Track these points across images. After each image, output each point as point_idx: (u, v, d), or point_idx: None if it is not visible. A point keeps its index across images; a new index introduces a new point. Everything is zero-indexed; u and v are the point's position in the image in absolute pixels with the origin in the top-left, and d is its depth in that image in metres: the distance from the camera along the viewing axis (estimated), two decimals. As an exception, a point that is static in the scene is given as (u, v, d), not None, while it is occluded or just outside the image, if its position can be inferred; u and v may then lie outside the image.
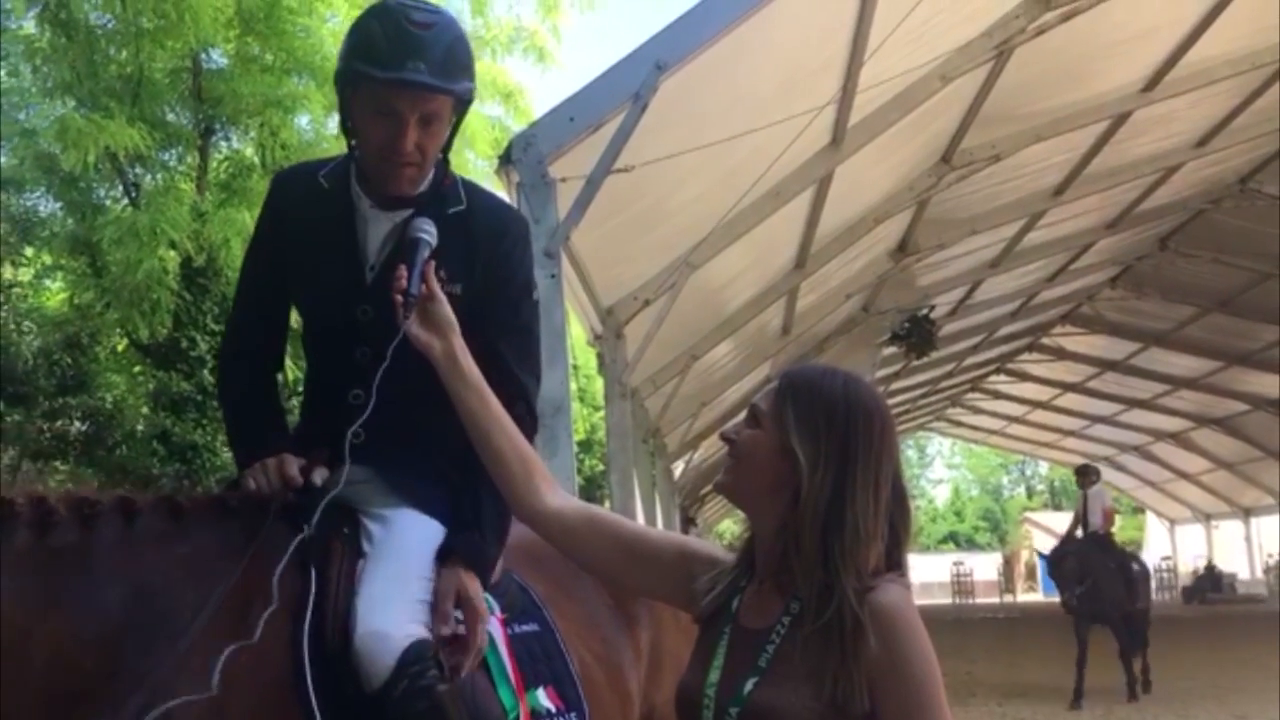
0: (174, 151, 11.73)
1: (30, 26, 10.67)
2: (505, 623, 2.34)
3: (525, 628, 2.38)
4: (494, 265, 2.31)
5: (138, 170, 11.42)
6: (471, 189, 2.40)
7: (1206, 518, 35.19)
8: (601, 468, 15.06)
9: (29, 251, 12.38)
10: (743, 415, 1.89)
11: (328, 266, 2.31)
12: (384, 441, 2.25)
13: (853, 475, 1.74)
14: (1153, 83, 10.31)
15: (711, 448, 15.42)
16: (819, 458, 1.74)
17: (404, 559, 2.21)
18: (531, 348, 2.35)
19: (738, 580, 1.86)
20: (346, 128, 2.29)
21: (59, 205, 11.76)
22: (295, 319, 2.56)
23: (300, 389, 2.60)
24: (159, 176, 11.53)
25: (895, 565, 1.77)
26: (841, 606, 1.68)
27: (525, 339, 2.32)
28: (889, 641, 1.66)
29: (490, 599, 2.34)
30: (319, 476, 2.23)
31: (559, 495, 2.05)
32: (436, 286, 2.04)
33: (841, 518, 1.72)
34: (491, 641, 2.27)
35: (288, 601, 2.08)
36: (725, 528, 32.35)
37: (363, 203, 2.30)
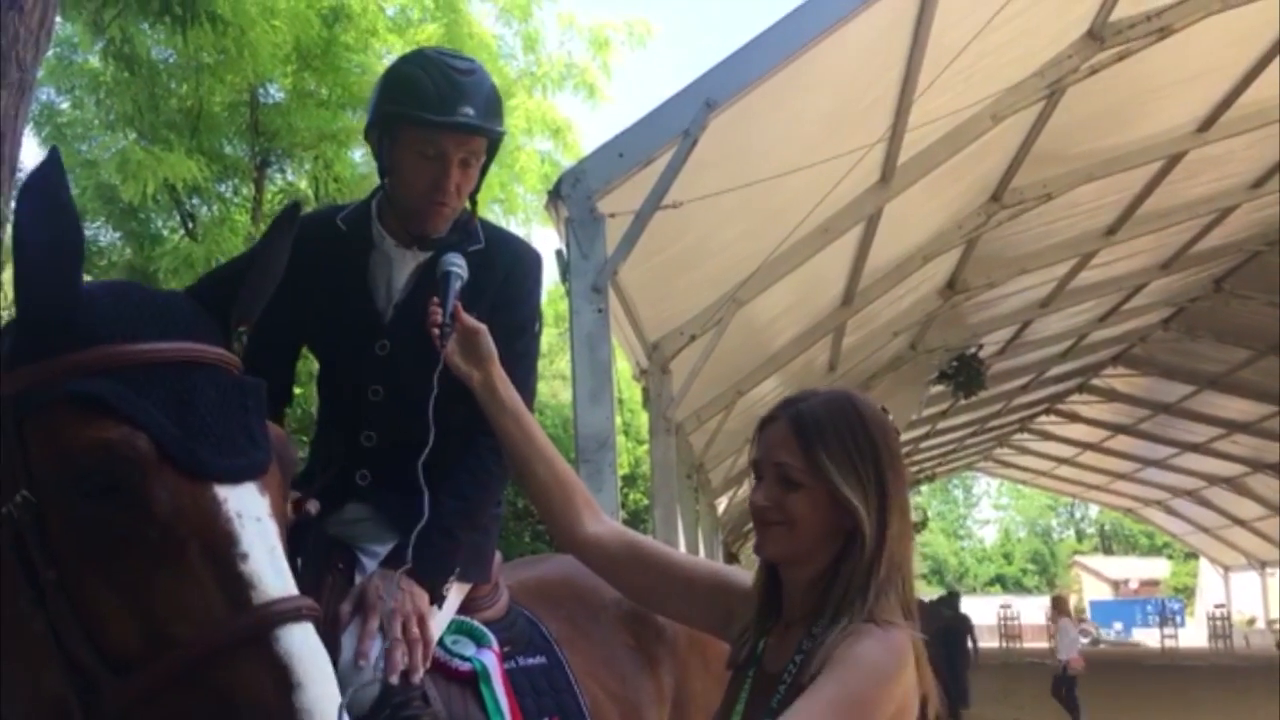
0: (230, 183, 11.92)
1: (95, 60, 10.94)
2: (505, 656, 2.35)
3: (530, 661, 2.40)
4: (503, 292, 2.37)
5: (195, 201, 11.62)
6: (489, 228, 2.48)
7: (1262, 565, 34.41)
8: (645, 502, 15.01)
9: (88, 279, 12.64)
10: (752, 479, 1.83)
11: (345, 304, 2.37)
12: (385, 483, 2.30)
13: (889, 500, 1.72)
14: (1208, 123, 10.21)
15: (756, 484, 15.32)
16: (866, 496, 1.71)
17: None
18: (525, 373, 2.36)
19: (764, 624, 1.84)
20: (382, 169, 2.36)
21: (118, 235, 12.00)
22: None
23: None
24: (215, 208, 11.73)
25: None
26: (839, 630, 1.65)
27: (519, 364, 2.32)
28: (840, 654, 1.61)
29: (486, 631, 2.36)
30: (312, 508, 2.25)
31: (601, 522, 2.06)
32: (471, 319, 2.10)
33: (881, 547, 1.70)
34: (485, 674, 2.28)
35: None
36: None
37: (385, 242, 2.37)
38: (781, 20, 5.91)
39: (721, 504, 15.94)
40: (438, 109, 2.21)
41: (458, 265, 2.19)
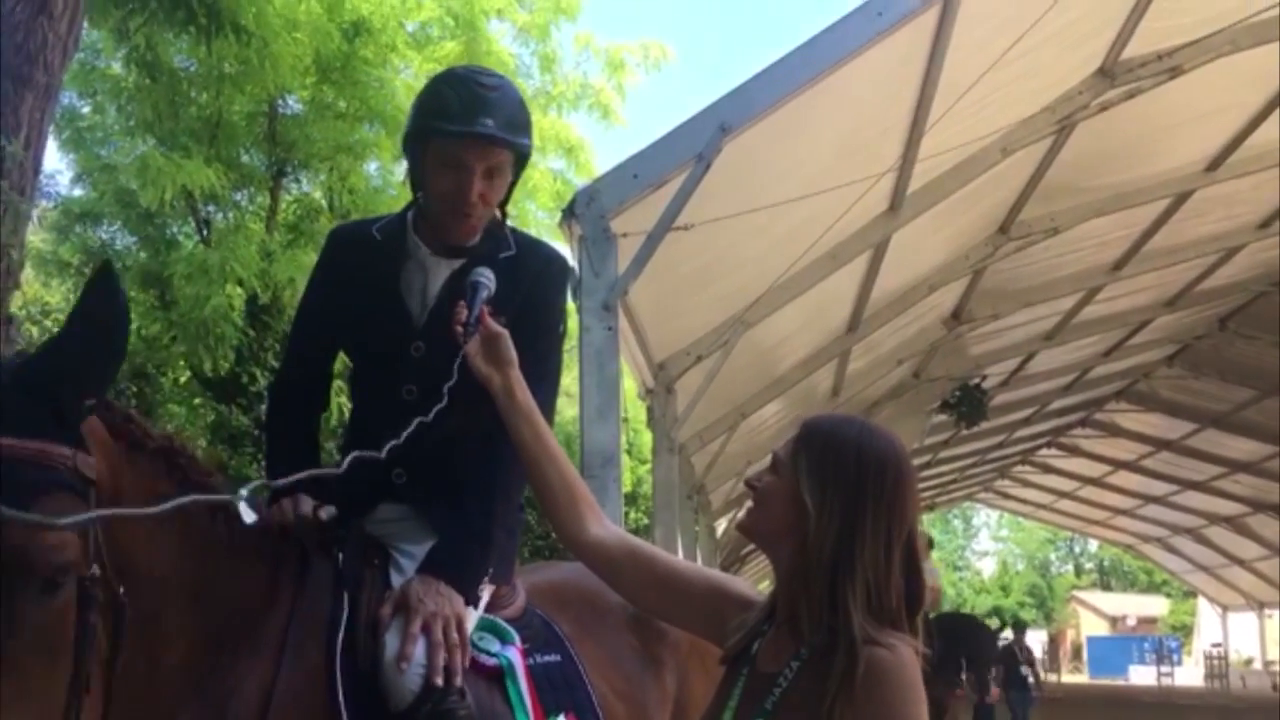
0: (246, 192, 11.99)
1: (117, 67, 11.06)
2: (527, 653, 2.45)
3: (547, 658, 2.49)
4: (530, 296, 2.48)
5: (211, 209, 11.69)
6: (519, 235, 2.59)
7: (1260, 606, 34.28)
8: (646, 521, 15.04)
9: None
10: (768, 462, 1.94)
11: (381, 308, 2.48)
12: (419, 482, 2.41)
13: (862, 523, 1.75)
14: (1216, 163, 10.28)
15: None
16: (825, 504, 1.76)
17: None
18: (547, 373, 2.47)
19: (761, 624, 1.90)
20: (414, 182, 2.49)
21: (134, 240, 12.06)
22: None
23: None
24: (231, 215, 11.81)
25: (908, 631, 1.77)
26: (842, 651, 1.69)
27: (542, 363, 2.43)
28: (880, 699, 1.65)
29: (510, 629, 2.46)
30: (325, 514, 2.36)
31: (604, 526, 2.14)
32: (495, 325, 2.22)
33: (852, 565, 1.74)
34: (511, 670, 2.38)
35: (325, 626, 2.22)
36: (766, 588, 32.01)
37: (420, 251, 2.48)
38: (797, 49, 6.00)
39: (721, 526, 15.96)
40: (458, 120, 2.32)
41: (485, 277, 2.31)
